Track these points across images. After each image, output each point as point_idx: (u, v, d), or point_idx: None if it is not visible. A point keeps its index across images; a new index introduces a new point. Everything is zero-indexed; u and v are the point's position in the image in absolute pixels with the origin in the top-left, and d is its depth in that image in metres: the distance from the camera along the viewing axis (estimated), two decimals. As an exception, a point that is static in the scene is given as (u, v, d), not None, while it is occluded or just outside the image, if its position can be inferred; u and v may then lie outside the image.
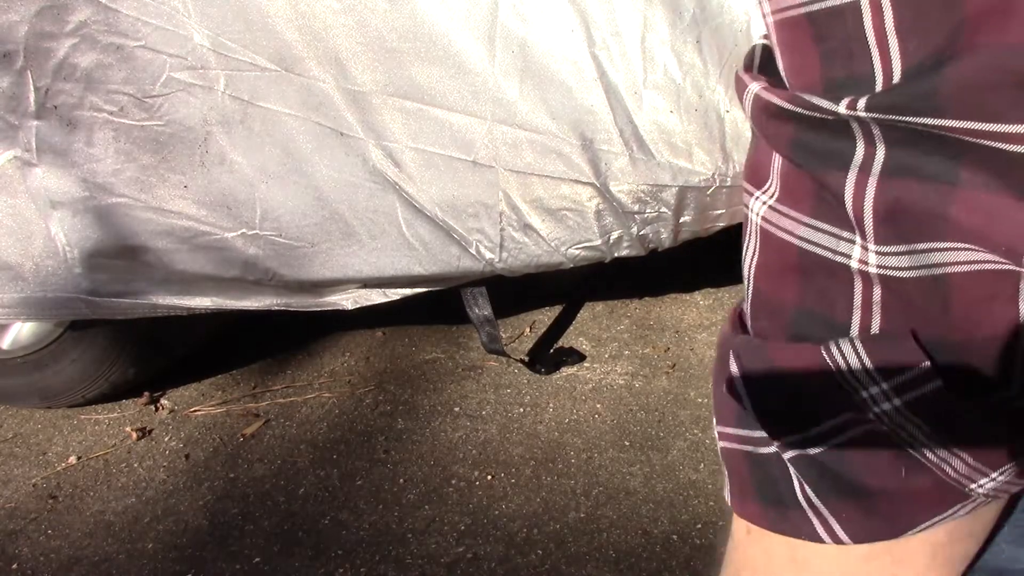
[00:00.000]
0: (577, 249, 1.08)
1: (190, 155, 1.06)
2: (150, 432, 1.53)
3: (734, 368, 0.32)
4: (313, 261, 1.14)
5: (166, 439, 1.50)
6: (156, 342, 1.53)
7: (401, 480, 1.32)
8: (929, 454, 0.28)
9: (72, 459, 1.48)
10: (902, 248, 0.26)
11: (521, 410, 1.43)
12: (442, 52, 0.92)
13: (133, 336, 1.48)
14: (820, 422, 0.29)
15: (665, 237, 1.04)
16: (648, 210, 1.02)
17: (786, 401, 0.30)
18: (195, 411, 1.56)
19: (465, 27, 0.91)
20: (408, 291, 1.23)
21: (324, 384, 1.58)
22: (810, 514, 0.30)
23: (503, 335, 1.62)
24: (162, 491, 1.37)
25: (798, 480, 0.30)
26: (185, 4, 0.97)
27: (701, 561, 1.11)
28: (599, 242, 1.07)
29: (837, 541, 0.30)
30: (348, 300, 1.24)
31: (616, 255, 1.10)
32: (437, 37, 0.92)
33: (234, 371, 1.67)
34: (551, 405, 1.43)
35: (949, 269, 0.25)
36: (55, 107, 1.05)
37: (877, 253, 0.26)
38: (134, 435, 1.51)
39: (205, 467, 1.41)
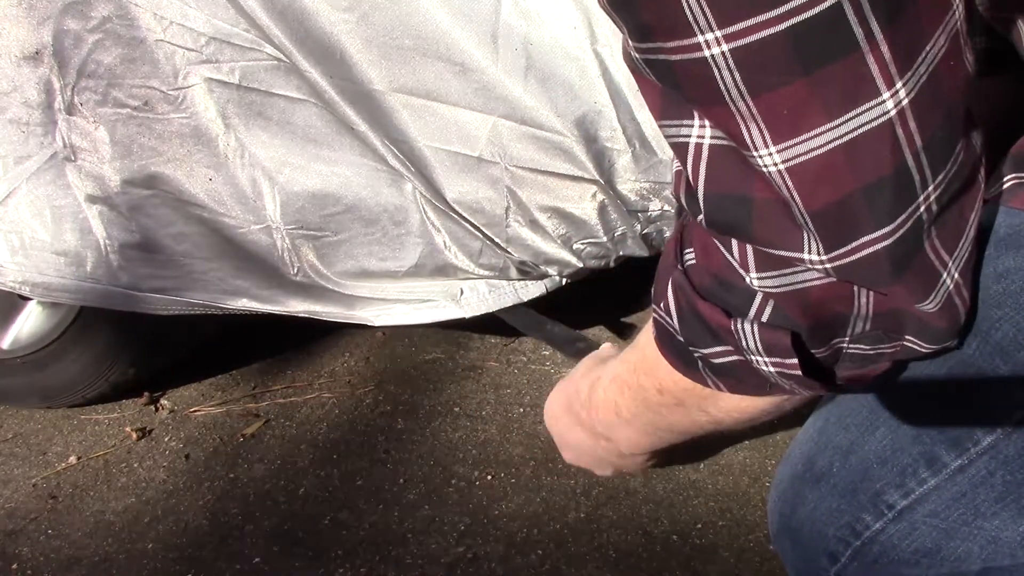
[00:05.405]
0: (582, 245, 1.09)
1: (213, 148, 1.08)
2: (150, 432, 1.53)
3: (670, 297, 0.51)
4: (337, 251, 1.15)
5: (166, 439, 1.50)
6: (156, 342, 1.53)
7: (401, 480, 1.32)
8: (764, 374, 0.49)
9: (72, 459, 1.48)
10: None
11: (521, 410, 1.44)
12: (446, 49, 0.93)
13: (133, 336, 1.48)
14: (713, 346, 0.49)
15: (669, 237, 1.05)
16: (652, 208, 1.02)
17: (696, 330, 0.50)
18: (195, 411, 1.56)
19: (468, 24, 0.92)
20: (435, 315, 1.23)
21: (324, 384, 1.58)
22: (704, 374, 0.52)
23: (503, 338, 1.62)
24: (162, 491, 1.37)
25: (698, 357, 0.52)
26: None
27: (701, 561, 1.11)
28: (605, 239, 1.07)
29: (717, 387, 0.52)
30: (378, 318, 1.25)
31: (621, 254, 1.10)
32: (441, 34, 0.93)
33: (234, 371, 1.67)
34: (551, 405, 1.43)
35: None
36: (82, 104, 1.07)
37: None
38: (134, 435, 1.51)
39: (205, 467, 1.41)
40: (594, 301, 1.62)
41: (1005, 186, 0.45)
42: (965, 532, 0.49)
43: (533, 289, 1.19)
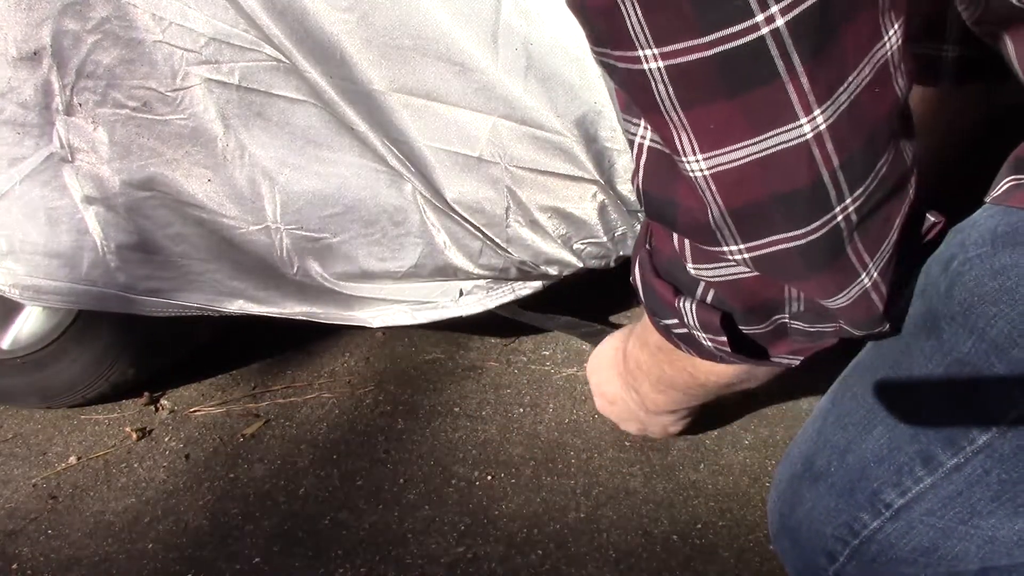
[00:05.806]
0: (583, 245, 1.09)
1: (211, 149, 1.08)
2: (150, 432, 1.53)
3: (636, 271, 0.59)
4: (337, 252, 1.15)
5: (166, 439, 1.50)
6: (156, 342, 1.53)
7: (401, 480, 1.32)
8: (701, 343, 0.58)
9: (72, 459, 1.48)
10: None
11: (521, 410, 1.44)
12: (446, 49, 0.93)
13: (133, 336, 1.48)
14: (669, 318, 0.58)
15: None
16: (650, 208, 1.03)
17: (654, 303, 0.59)
18: (195, 411, 1.56)
19: (468, 24, 0.92)
20: (434, 316, 1.23)
21: (324, 384, 1.58)
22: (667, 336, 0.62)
23: (503, 339, 1.62)
24: (162, 491, 1.37)
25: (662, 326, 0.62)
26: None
27: (701, 561, 1.11)
28: (605, 239, 1.07)
29: (688, 351, 0.61)
30: (376, 319, 1.25)
31: (621, 253, 1.11)
32: (441, 34, 0.93)
33: (234, 371, 1.67)
34: (551, 405, 1.43)
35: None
36: (80, 104, 1.08)
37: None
38: (134, 435, 1.51)
39: (205, 467, 1.41)
40: (593, 300, 1.62)
41: (1004, 187, 0.46)
42: (962, 531, 0.49)
43: (530, 288, 1.20)
